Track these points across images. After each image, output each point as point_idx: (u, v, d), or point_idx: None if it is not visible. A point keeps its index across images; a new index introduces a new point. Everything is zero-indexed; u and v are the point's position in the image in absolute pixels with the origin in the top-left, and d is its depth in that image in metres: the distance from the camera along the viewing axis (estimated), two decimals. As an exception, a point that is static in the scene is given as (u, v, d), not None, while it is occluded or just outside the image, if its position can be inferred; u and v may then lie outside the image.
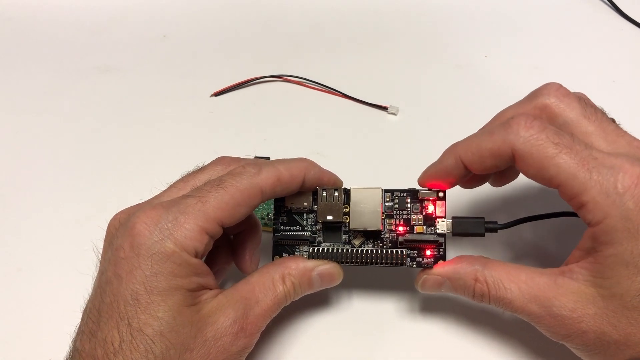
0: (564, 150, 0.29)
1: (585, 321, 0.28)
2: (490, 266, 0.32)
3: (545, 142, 0.29)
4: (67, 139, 0.51)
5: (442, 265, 0.33)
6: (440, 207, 0.34)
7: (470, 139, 0.33)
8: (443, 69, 0.57)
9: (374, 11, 0.65)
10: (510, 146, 0.30)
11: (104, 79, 0.58)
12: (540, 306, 0.30)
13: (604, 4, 0.64)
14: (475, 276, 0.32)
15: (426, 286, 0.34)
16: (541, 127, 0.29)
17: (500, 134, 0.30)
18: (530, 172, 0.30)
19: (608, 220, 0.27)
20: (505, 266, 0.32)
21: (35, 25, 0.64)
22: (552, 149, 0.29)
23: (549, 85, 0.34)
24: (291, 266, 0.33)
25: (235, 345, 0.30)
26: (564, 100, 0.32)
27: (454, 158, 0.33)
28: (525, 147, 0.29)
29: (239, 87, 0.56)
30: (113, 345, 0.27)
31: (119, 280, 0.28)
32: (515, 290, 0.30)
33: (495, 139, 0.30)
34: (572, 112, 0.32)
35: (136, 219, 0.29)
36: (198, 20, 0.65)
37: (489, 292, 0.31)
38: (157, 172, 0.36)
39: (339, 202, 0.34)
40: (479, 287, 0.32)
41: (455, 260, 0.33)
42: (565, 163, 0.28)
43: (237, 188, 0.30)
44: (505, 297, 0.31)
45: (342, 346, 0.37)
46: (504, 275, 0.31)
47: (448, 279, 0.33)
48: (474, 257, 0.33)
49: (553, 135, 0.29)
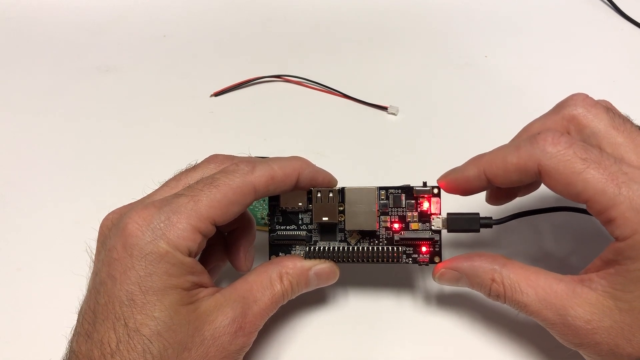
0: (591, 166, 0.28)
1: (600, 333, 0.28)
2: (509, 267, 0.31)
3: (572, 158, 0.28)
4: (67, 138, 0.52)
5: (461, 260, 0.33)
6: (435, 203, 0.34)
7: (495, 152, 0.32)
8: (443, 69, 0.57)
9: (374, 11, 0.65)
10: (536, 162, 0.29)
11: (104, 79, 0.58)
12: (556, 314, 0.29)
13: (604, 4, 0.64)
14: (493, 276, 0.32)
15: (443, 279, 0.34)
16: (568, 142, 0.29)
17: (527, 149, 0.30)
18: (557, 187, 0.29)
19: (636, 237, 0.27)
20: (524, 269, 0.31)
21: (35, 25, 0.64)
22: (580, 164, 0.28)
23: (576, 95, 0.33)
24: (288, 265, 0.33)
25: (233, 344, 0.30)
26: (591, 111, 0.32)
27: (477, 170, 0.32)
28: (552, 163, 0.29)
29: (239, 87, 0.56)
30: (110, 346, 0.27)
31: (113, 281, 0.28)
32: (532, 295, 0.30)
33: (522, 154, 0.30)
34: (601, 122, 0.32)
35: (128, 219, 0.29)
36: (198, 20, 0.65)
37: (505, 294, 0.31)
38: (157, 172, 0.36)
39: (334, 203, 0.34)
40: (495, 287, 0.31)
41: (474, 256, 0.33)
42: (593, 178, 0.28)
43: (229, 186, 0.30)
44: (521, 300, 0.30)
45: (339, 344, 0.37)
46: (522, 278, 0.31)
47: (465, 275, 0.33)
48: (494, 256, 0.33)
49: (580, 151, 0.28)
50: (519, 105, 0.52)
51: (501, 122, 0.51)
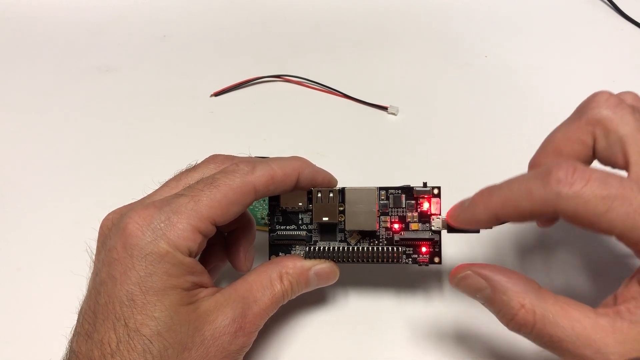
0: (614, 203, 0.25)
1: None
2: (543, 296, 0.28)
3: (591, 199, 0.26)
4: (67, 138, 0.52)
5: (494, 270, 0.29)
6: (435, 204, 0.34)
7: (505, 195, 0.28)
8: (443, 69, 0.57)
9: (374, 11, 0.65)
10: (552, 207, 0.27)
11: (104, 79, 0.58)
12: (595, 352, 0.26)
13: (604, 4, 0.64)
14: (524, 302, 0.28)
15: (464, 284, 0.30)
16: (584, 179, 0.26)
17: (539, 193, 0.27)
18: (581, 226, 0.27)
19: None
20: (558, 299, 0.28)
21: (35, 25, 0.65)
22: (601, 205, 0.26)
23: (598, 95, 0.31)
24: (288, 265, 0.33)
25: (233, 344, 0.30)
26: (617, 112, 0.30)
27: (487, 213, 0.29)
28: (570, 207, 0.26)
29: (239, 87, 0.56)
30: (110, 346, 0.27)
31: (113, 282, 0.28)
32: (569, 329, 0.27)
33: (535, 200, 0.27)
34: (627, 126, 0.29)
35: (128, 219, 0.29)
36: (198, 21, 0.65)
37: (535, 324, 0.27)
38: (158, 172, 0.36)
39: (334, 204, 0.34)
40: (523, 314, 0.28)
41: (507, 272, 0.29)
42: (619, 217, 0.25)
43: (229, 186, 0.30)
44: (554, 334, 0.27)
45: (339, 344, 0.37)
46: (556, 309, 0.27)
47: (492, 288, 0.29)
48: (529, 280, 0.29)
49: (599, 189, 0.26)
50: (519, 105, 0.52)
51: (501, 122, 0.51)
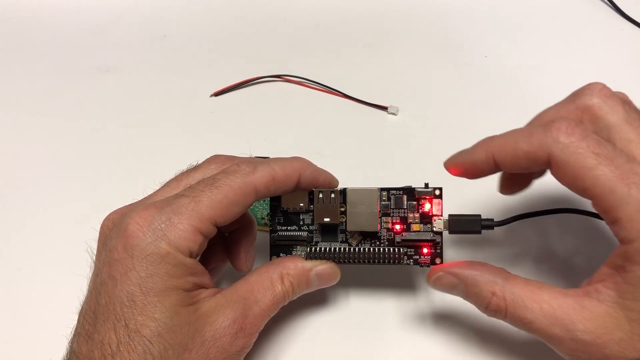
0: (604, 162, 0.27)
1: (610, 347, 0.27)
2: (512, 282, 0.30)
3: (585, 151, 0.27)
4: (67, 139, 0.52)
5: (462, 266, 0.32)
6: (436, 205, 0.34)
7: (506, 136, 0.31)
8: (443, 69, 0.57)
9: (374, 11, 0.65)
10: (547, 151, 0.28)
11: (104, 79, 0.58)
12: (564, 330, 0.28)
13: (604, 4, 0.64)
14: (494, 289, 0.30)
15: (439, 283, 0.32)
16: (583, 134, 0.28)
17: (539, 136, 0.29)
18: (565, 179, 0.28)
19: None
20: (527, 283, 0.30)
21: (35, 25, 0.64)
22: (592, 159, 0.27)
23: (592, 85, 0.32)
24: (289, 266, 0.33)
25: (234, 345, 0.30)
26: (607, 102, 0.31)
27: (485, 153, 0.31)
28: (564, 154, 0.28)
29: (239, 87, 0.56)
30: (110, 347, 0.27)
31: (114, 282, 0.28)
32: (537, 311, 0.28)
33: (533, 141, 0.29)
34: (615, 115, 0.30)
35: (129, 219, 0.29)
36: (198, 20, 0.65)
37: (506, 309, 0.29)
38: (158, 172, 0.36)
39: (335, 204, 0.34)
40: (495, 301, 0.30)
41: (476, 264, 0.31)
42: (604, 175, 0.27)
43: (230, 187, 0.30)
44: (524, 316, 0.29)
45: (340, 345, 0.37)
46: (525, 293, 0.29)
47: (464, 283, 0.31)
48: (496, 269, 0.31)
49: (594, 145, 0.27)
50: (519, 105, 0.52)
51: (502, 122, 0.50)
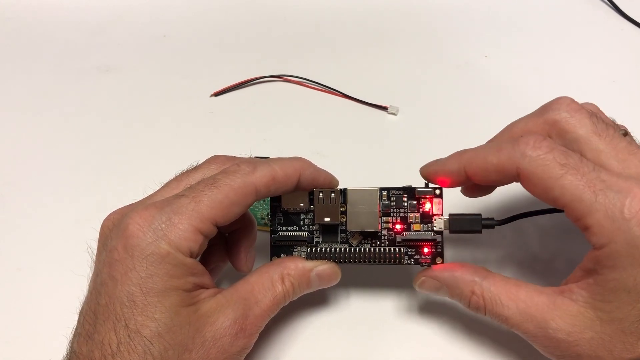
0: (570, 172, 0.28)
1: (581, 345, 0.28)
2: (490, 280, 0.32)
3: (551, 163, 0.28)
4: (68, 139, 0.51)
5: (442, 269, 0.33)
6: (437, 204, 0.34)
7: (477, 150, 0.32)
8: (443, 69, 0.57)
9: (374, 11, 0.65)
10: (515, 164, 0.30)
11: (104, 79, 0.58)
12: (537, 326, 0.29)
13: (604, 4, 0.64)
14: (473, 288, 0.32)
15: (424, 287, 0.34)
16: (549, 147, 0.29)
17: (507, 150, 0.30)
18: (535, 191, 0.30)
19: (612, 245, 0.27)
20: (505, 281, 0.31)
21: (35, 25, 0.64)
22: (558, 169, 0.28)
23: (560, 99, 0.33)
24: (290, 266, 0.33)
25: (234, 345, 0.30)
26: (574, 116, 0.32)
27: (458, 165, 0.33)
28: (531, 167, 0.29)
29: (239, 87, 0.56)
30: (110, 347, 0.27)
31: (114, 282, 0.28)
32: (513, 308, 0.30)
33: (502, 156, 0.30)
34: (583, 128, 0.31)
35: (129, 220, 0.29)
36: (198, 20, 0.65)
37: (485, 307, 0.31)
38: (158, 172, 0.36)
39: (335, 204, 0.34)
40: (474, 299, 0.32)
41: (456, 266, 0.33)
42: (571, 184, 0.28)
43: (231, 187, 0.30)
44: (501, 313, 0.31)
45: (341, 345, 0.37)
46: (502, 291, 0.31)
47: (445, 285, 0.33)
48: (476, 268, 0.33)
49: (560, 156, 0.29)
50: (519, 105, 0.51)
51: (501, 122, 0.50)
